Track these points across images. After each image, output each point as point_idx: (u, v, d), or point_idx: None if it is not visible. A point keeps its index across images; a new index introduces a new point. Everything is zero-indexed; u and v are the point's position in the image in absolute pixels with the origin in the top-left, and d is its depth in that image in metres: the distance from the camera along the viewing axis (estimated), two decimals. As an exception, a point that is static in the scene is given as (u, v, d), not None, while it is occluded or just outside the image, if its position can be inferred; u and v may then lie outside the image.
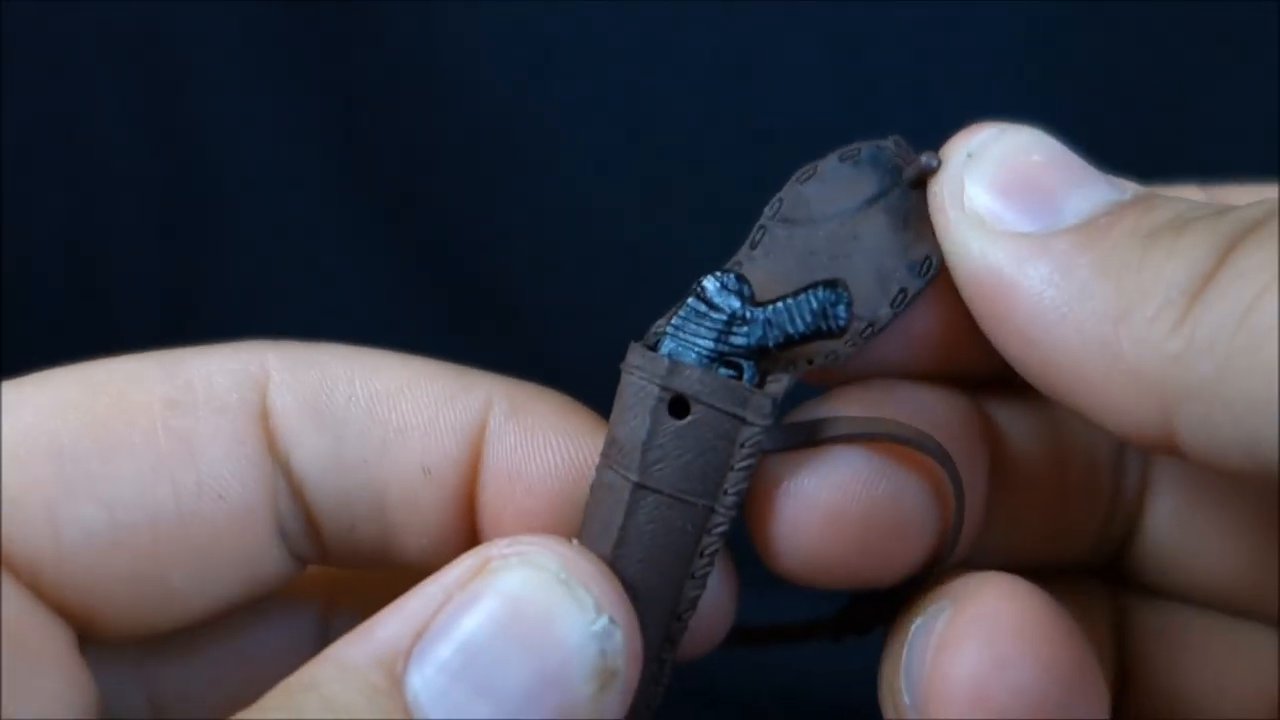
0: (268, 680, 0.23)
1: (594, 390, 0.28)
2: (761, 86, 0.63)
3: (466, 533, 0.27)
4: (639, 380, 0.24)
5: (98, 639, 0.26)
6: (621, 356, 0.25)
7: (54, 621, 0.25)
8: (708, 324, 0.24)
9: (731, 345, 0.24)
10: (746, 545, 0.26)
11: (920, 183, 0.25)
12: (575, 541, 0.24)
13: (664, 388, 0.23)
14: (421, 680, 0.22)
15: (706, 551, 0.24)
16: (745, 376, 0.24)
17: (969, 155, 0.24)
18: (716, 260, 0.26)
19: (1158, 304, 0.21)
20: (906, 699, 0.24)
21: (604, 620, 0.22)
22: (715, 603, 0.26)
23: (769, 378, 0.24)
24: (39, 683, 0.24)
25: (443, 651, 0.22)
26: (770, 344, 0.24)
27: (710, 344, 0.24)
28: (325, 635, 0.30)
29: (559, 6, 0.63)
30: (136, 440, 0.25)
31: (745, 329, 0.24)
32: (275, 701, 0.22)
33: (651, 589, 0.24)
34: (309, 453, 0.27)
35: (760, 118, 0.63)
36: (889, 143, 0.26)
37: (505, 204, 0.66)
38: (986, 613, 0.23)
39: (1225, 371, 0.20)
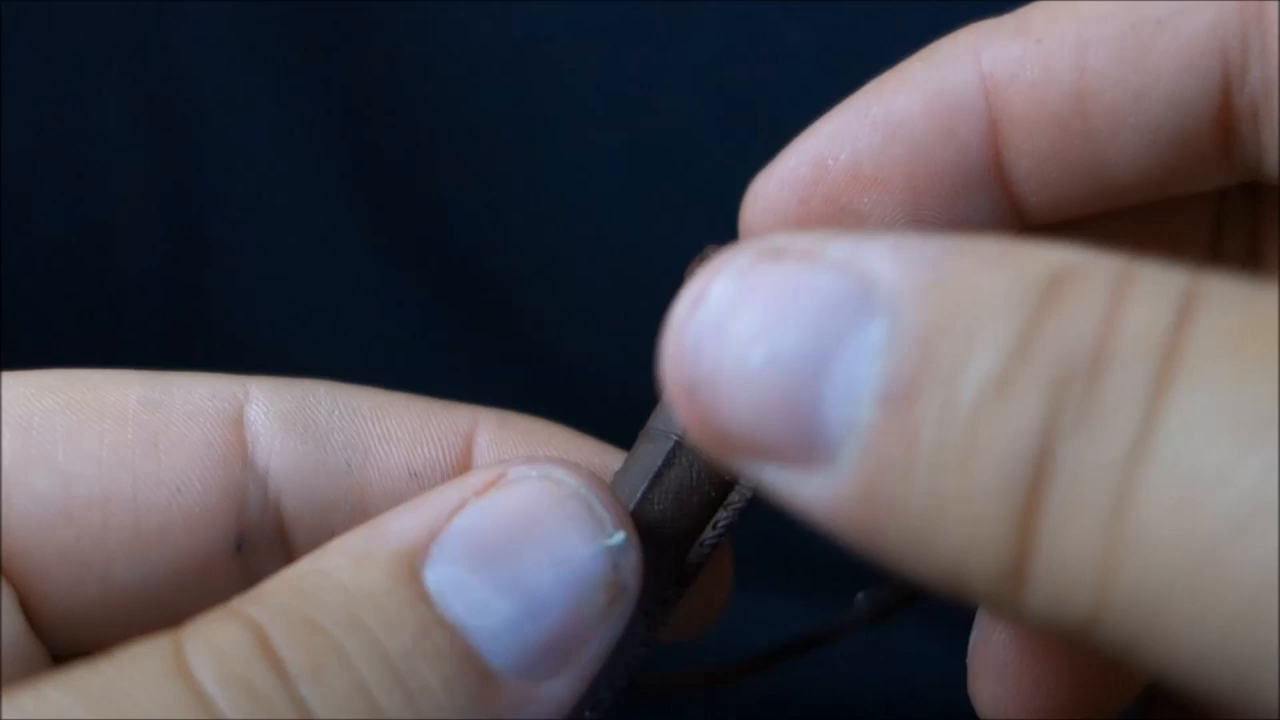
0: None
1: (594, 388, 0.28)
2: (762, 86, 0.62)
3: None
4: None
5: (36, 616, 0.26)
6: (621, 354, 0.26)
7: (2, 581, 0.25)
8: None
9: None
10: (752, 558, 0.27)
11: None
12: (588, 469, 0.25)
13: None
14: (442, 573, 0.22)
15: (720, 524, 0.26)
16: None
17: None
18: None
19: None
20: None
21: (620, 536, 0.23)
22: (714, 591, 0.27)
23: None
24: None
25: (463, 548, 0.22)
26: None
27: None
28: None
29: (558, 6, 0.63)
30: (105, 425, 0.26)
31: None
32: (281, 585, 0.22)
33: (662, 539, 0.25)
34: (289, 460, 0.27)
35: (760, 117, 0.63)
36: None
37: (505, 204, 0.66)
38: None
39: None
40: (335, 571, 0.22)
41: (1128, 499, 0.16)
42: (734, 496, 0.26)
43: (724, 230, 0.29)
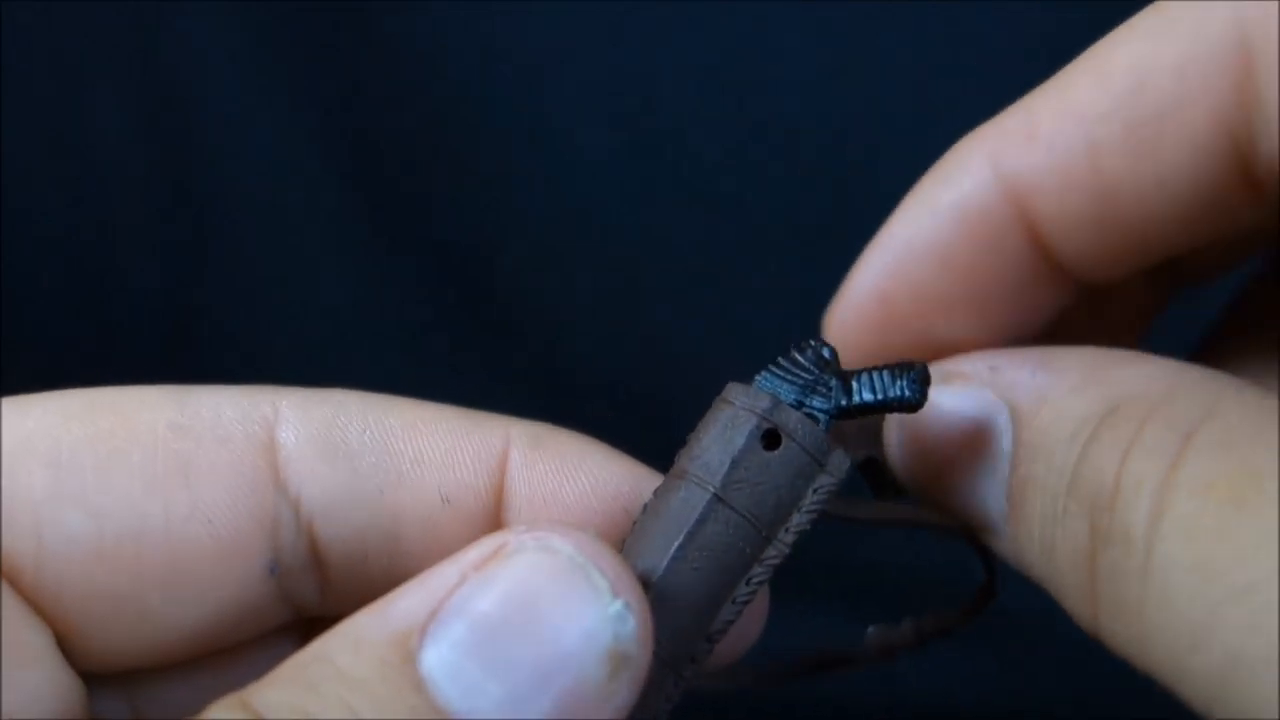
0: None
1: (595, 386, 0.28)
2: (762, 87, 0.63)
3: None
4: (738, 410, 0.26)
5: (73, 651, 0.26)
6: (621, 354, 0.26)
7: (34, 619, 0.25)
8: (797, 379, 0.26)
9: (811, 404, 0.26)
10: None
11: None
12: (592, 530, 0.25)
13: (764, 419, 0.25)
14: (436, 657, 0.22)
15: (754, 580, 0.25)
16: (822, 426, 0.26)
17: None
18: (716, 263, 0.26)
19: None
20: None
21: (619, 605, 0.22)
22: (741, 625, 0.27)
23: (844, 450, 0.27)
24: (19, 675, 0.24)
25: (457, 630, 0.22)
26: (844, 404, 0.27)
27: (794, 397, 0.26)
28: None
29: (559, 7, 0.63)
30: (135, 457, 0.25)
31: (827, 392, 0.27)
32: (287, 673, 0.22)
33: (695, 599, 0.25)
34: (321, 486, 0.27)
35: (761, 118, 0.63)
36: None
37: (505, 204, 0.66)
38: None
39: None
40: (335, 658, 0.22)
41: (1140, 610, 0.22)
42: (770, 552, 0.25)
43: (724, 230, 0.29)
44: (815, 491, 0.25)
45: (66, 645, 0.25)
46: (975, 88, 0.61)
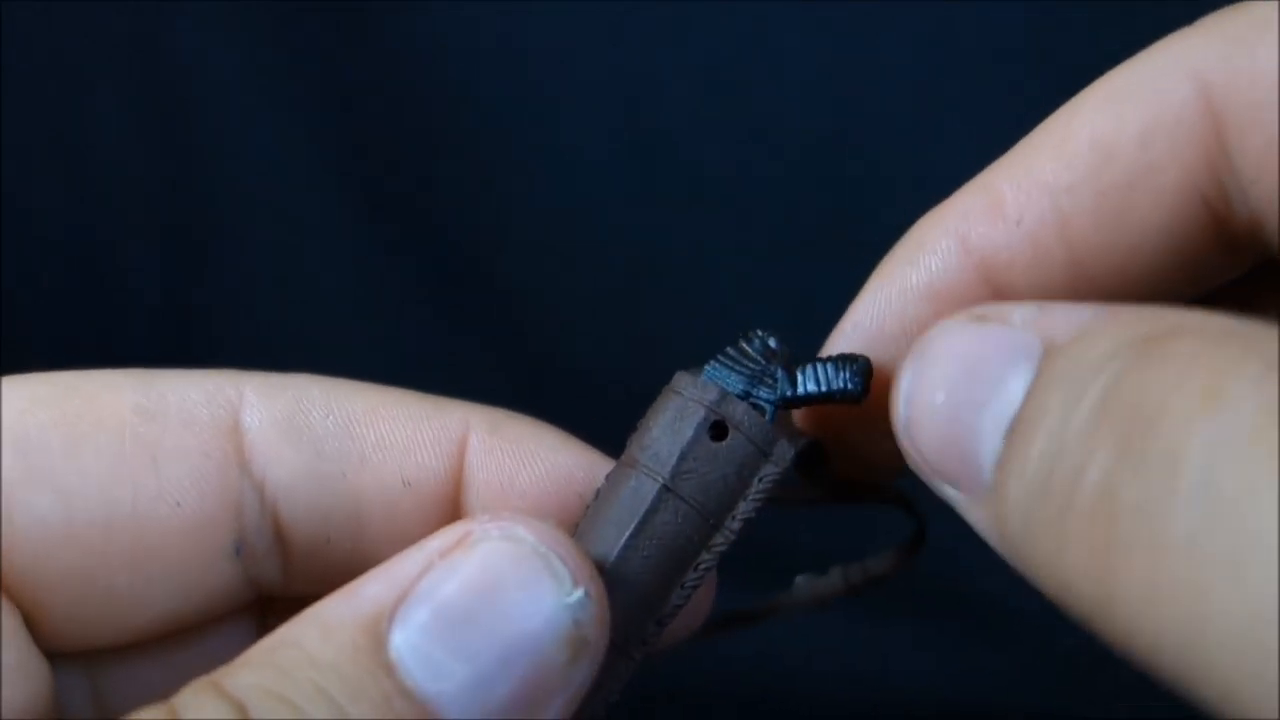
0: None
1: (591, 384, 0.28)
2: (761, 86, 0.63)
3: None
4: (686, 400, 0.26)
5: (39, 631, 0.26)
6: (620, 353, 0.26)
7: (4, 602, 0.25)
8: (744, 370, 0.27)
9: (757, 394, 0.27)
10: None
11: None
12: (552, 520, 0.26)
13: (711, 410, 0.26)
14: (404, 640, 0.23)
15: (701, 566, 0.26)
16: (767, 417, 0.27)
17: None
18: (716, 263, 0.26)
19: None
20: None
21: (579, 593, 0.23)
22: (691, 605, 0.28)
23: (788, 439, 0.27)
24: None
25: (424, 614, 0.23)
26: (789, 395, 0.27)
27: (741, 387, 0.27)
28: None
29: (559, 7, 0.63)
30: (102, 440, 0.26)
31: (773, 383, 0.27)
32: (258, 657, 0.23)
33: (646, 585, 0.26)
34: (285, 468, 0.27)
35: (759, 117, 0.63)
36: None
37: (505, 203, 0.66)
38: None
39: None
40: (305, 642, 0.23)
41: (1164, 532, 0.19)
42: (717, 539, 0.26)
43: (723, 229, 0.29)
44: (760, 480, 0.26)
45: (33, 625, 0.26)
46: (974, 88, 0.61)
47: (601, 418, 0.30)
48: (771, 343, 0.27)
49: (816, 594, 0.32)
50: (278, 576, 0.28)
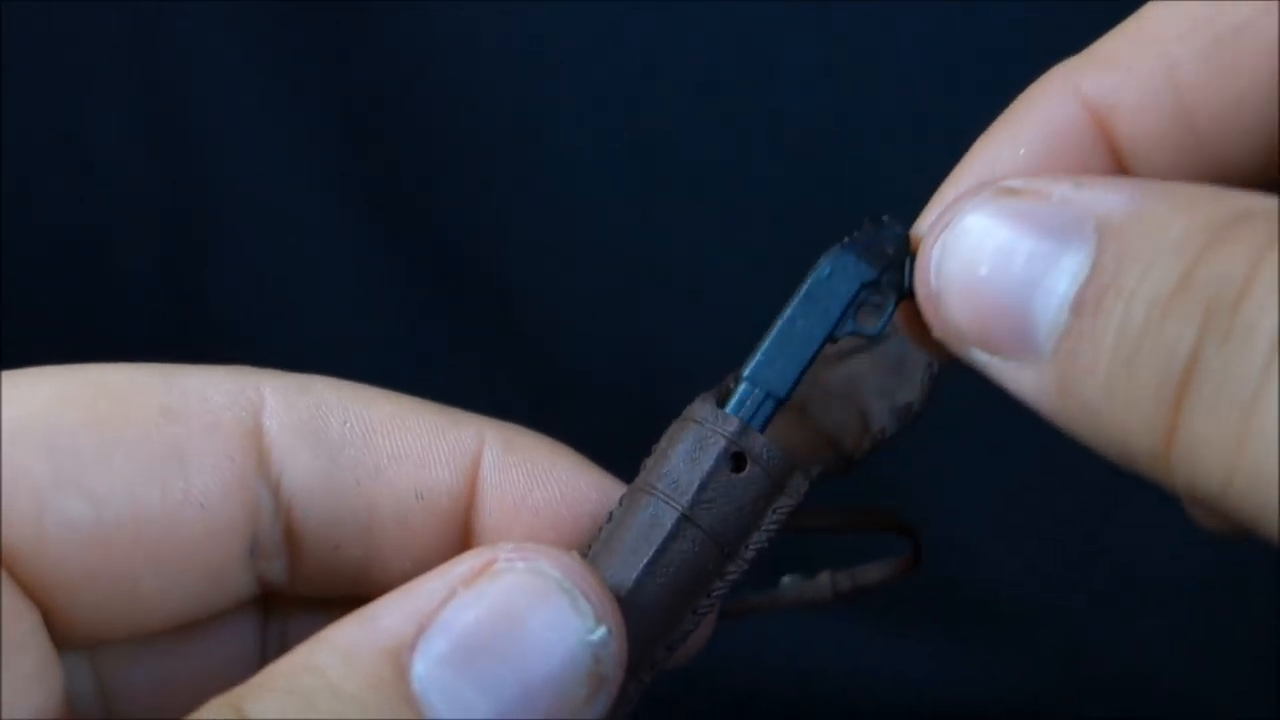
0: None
1: (593, 386, 0.28)
2: (761, 86, 0.63)
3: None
4: (706, 430, 0.27)
5: (55, 630, 0.26)
6: (620, 354, 0.26)
7: (28, 606, 0.25)
8: (875, 259, 0.27)
9: (889, 281, 0.27)
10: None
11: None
12: (575, 553, 0.26)
13: (732, 441, 0.26)
14: (426, 673, 0.23)
15: (714, 593, 0.27)
16: (887, 313, 0.27)
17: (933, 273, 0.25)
18: (716, 263, 0.27)
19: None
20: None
21: (602, 630, 0.23)
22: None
23: (805, 468, 0.28)
24: (14, 660, 0.24)
25: (447, 646, 0.23)
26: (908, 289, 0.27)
27: (873, 275, 0.27)
28: (263, 651, 0.30)
29: (559, 7, 0.63)
30: (131, 441, 0.26)
31: (901, 274, 0.27)
32: (279, 682, 0.23)
33: (660, 612, 0.26)
34: (302, 473, 0.27)
35: (759, 117, 0.63)
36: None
37: (505, 203, 0.66)
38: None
39: None
40: (327, 670, 0.23)
41: (1252, 406, 0.20)
42: (730, 568, 0.27)
43: (724, 229, 0.29)
44: (774, 512, 0.27)
45: (50, 624, 0.26)
46: (975, 88, 0.61)
47: (601, 417, 0.30)
48: (898, 229, 0.27)
49: (804, 596, 0.32)
50: (283, 576, 0.28)
